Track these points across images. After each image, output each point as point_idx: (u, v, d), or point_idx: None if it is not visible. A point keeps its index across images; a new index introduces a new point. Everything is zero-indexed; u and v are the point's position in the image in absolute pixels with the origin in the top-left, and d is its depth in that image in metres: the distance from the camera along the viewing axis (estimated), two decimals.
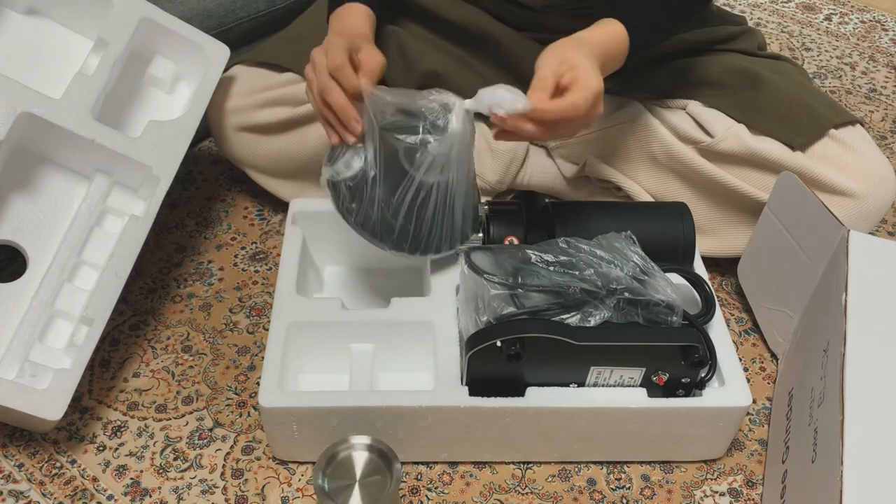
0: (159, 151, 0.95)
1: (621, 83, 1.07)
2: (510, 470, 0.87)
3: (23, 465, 0.86)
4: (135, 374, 0.95)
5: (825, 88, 1.48)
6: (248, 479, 0.86)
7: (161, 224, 1.13)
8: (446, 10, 1.05)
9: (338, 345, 0.89)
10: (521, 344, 0.78)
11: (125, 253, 0.90)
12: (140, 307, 1.02)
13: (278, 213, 1.16)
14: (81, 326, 0.87)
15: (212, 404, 0.92)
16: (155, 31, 1.00)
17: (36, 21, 0.99)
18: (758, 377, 0.98)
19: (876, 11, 1.73)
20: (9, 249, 0.93)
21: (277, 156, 1.07)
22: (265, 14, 1.23)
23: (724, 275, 1.10)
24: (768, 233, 0.97)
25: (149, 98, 1.04)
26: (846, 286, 0.81)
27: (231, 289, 1.05)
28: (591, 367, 0.81)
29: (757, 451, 0.91)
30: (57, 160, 0.95)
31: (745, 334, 1.03)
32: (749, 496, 0.86)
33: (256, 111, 1.05)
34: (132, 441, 0.89)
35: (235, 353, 0.98)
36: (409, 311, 0.89)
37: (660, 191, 1.06)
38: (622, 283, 0.80)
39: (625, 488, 0.86)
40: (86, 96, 0.92)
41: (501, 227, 0.90)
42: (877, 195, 0.97)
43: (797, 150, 0.98)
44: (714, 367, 0.83)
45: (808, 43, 1.61)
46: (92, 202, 0.94)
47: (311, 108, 1.03)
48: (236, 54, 1.07)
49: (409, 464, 0.87)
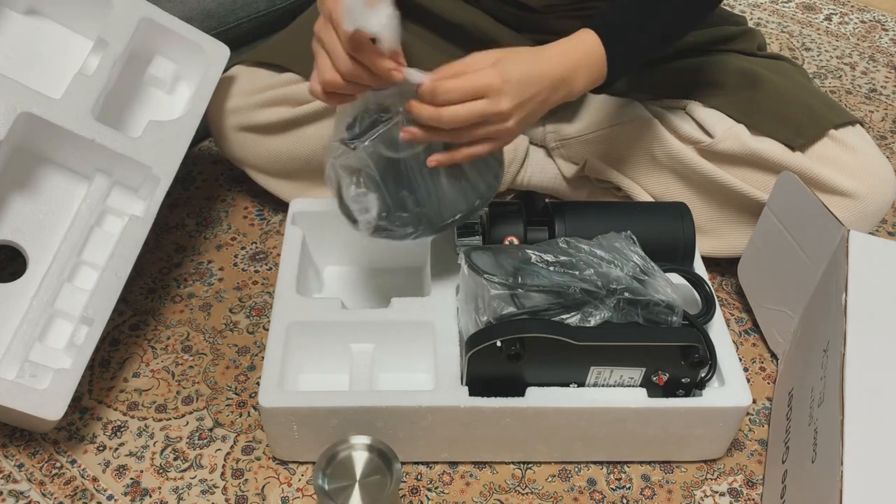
0: (159, 151, 0.95)
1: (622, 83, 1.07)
2: (510, 470, 0.87)
3: (23, 465, 0.86)
4: (135, 374, 0.95)
5: (825, 88, 1.48)
6: (248, 479, 0.86)
7: (161, 224, 1.13)
8: (446, 10, 1.05)
9: (338, 345, 0.89)
10: (521, 344, 0.78)
11: (125, 253, 0.90)
12: (140, 307, 1.02)
13: (278, 213, 1.16)
14: (81, 326, 0.87)
15: (212, 404, 0.92)
16: (155, 31, 1.00)
17: (36, 21, 0.99)
18: (758, 377, 0.98)
19: (876, 11, 1.73)
20: (9, 249, 0.93)
21: (277, 156, 1.07)
22: (265, 14, 1.23)
23: (724, 275, 1.10)
24: (768, 233, 0.97)
25: (149, 98, 1.04)
26: (846, 286, 0.81)
27: (231, 289, 1.05)
28: (591, 367, 0.81)
29: (757, 451, 0.91)
30: (57, 160, 0.95)
31: (745, 334, 1.03)
32: (749, 496, 0.86)
33: (256, 111, 1.05)
34: (132, 441, 0.89)
35: (235, 353, 0.98)
36: (409, 311, 0.89)
37: (660, 191, 1.06)
38: (622, 283, 0.80)
39: (625, 488, 0.86)
40: (86, 96, 0.92)
41: (501, 227, 0.90)
42: (877, 195, 0.97)
43: (797, 150, 0.98)
44: (714, 367, 0.83)
45: (808, 43, 1.61)
46: (92, 202, 0.94)
47: (310, 108, 1.03)
48: (236, 54, 1.07)
49: (409, 464, 0.87)
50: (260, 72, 1.06)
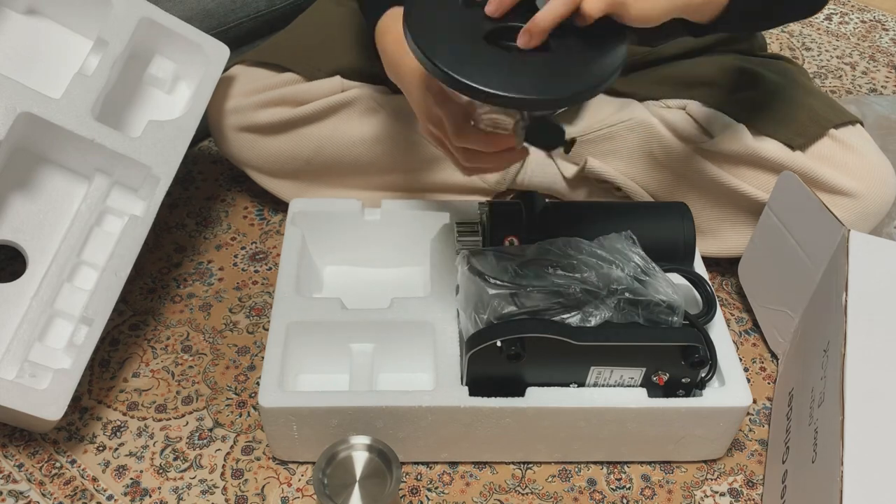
0: (159, 151, 0.95)
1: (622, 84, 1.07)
2: (510, 470, 0.87)
3: (23, 465, 0.86)
4: (135, 374, 0.95)
5: (825, 88, 1.48)
6: (248, 479, 0.86)
7: (161, 224, 1.13)
8: None
9: (338, 345, 0.89)
10: (521, 344, 0.78)
11: (125, 253, 0.90)
12: (140, 307, 1.02)
13: (278, 213, 1.16)
14: (81, 326, 0.87)
15: (212, 404, 0.92)
16: (155, 31, 1.00)
17: (36, 21, 0.99)
18: (758, 377, 0.98)
19: (876, 11, 1.73)
20: (9, 249, 0.93)
21: (277, 156, 1.07)
22: (265, 14, 1.23)
23: (724, 275, 1.10)
24: (768, 233, 0.97)
25: (149, 98, 1.04)
26: (846, 286, 0.81)
27: (231, 289, 1.05)
28: (591, 367, 0.81)
29: (757, 451, 0.91)
30: (57, 160, 0.95)
31: (745, 334, 1.03)
32: (749, 496, 0.86)
33: (256, 111, 1.05)
34: (132, 441, 0.89)
35: (235, 353, 0.98)
36: (409, 311, 0.89)
37: (660, 191, 1.06)
38: (623, 283, 0.80)
39: (625, 488, 0.86)
40: (86, 96, 0.92)
41: (501, 227, 0.90)
42: (877, 195, 0.97)
43: (797, 149, 0.98)
44: (714, 368, 0.83)
45: (809, 43, 1.61)
46: (92, 202, 0.94)
47: (310, 108, 1.03)
48: (236, 54, 1.07)
49: (409, 464, 0.87)
50: (260, 72, 1.06)
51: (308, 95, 1.03)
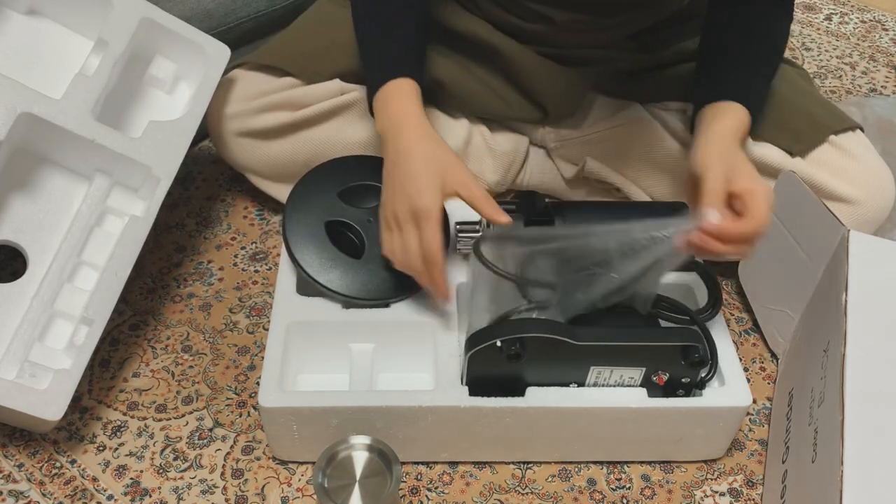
0: (159, 152, 0.95)
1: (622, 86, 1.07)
2: (510, 470, 0.87)
3: (23, 465, 0.86)
4: (135, 374, 0.95)
5: (825, 88, 1.48)
6: (248, 479, 0.86)
7: (161, 224, 1.13)
8: (449, 20, 1.03)
9: (338, 345, 0.89)
10: (521, 344, 0.78)
11: (125, 253, 0.90)
12: (140, 307, 1.02)
13: (278, 214, 1.16)
14: (81, 326, 0.87)
15: (212, 404, 0.92)
16: (155, 31, 1.00)
17: (36, 21, 0.99)
18: (758, 377, 0.98)
19: (876, 11, 1.73)
20: (9, 249, 0.93)
21: (277, 160, 1.06)
22: (265, 14, 1.23)
23: (724, 275, 1.10)
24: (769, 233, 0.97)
25: (149, 98, 1.04)
26: (846, 286, 0.81)
27: (231, 289, 1.05)
28: (591, 367, 0.81)
29: (757, 451, 0.91)
30: (57, 160, 0.95)
31: (745, 334, 1.03)
32: (749, 496, 0.86)
33: (255, 116, 1.04)
34: (132, 441, 0.89)
35: (235, 353, 0.98)
36: (409, 311, 0.89)
37: (658, 192, 1.06)
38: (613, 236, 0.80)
39: (625, 488, 0.86)
40: (86, 96, 0.92)
41: None
42: (876, 201, 0.97)
43: (796, 156, 0.98)
44: (714, 367, 0.83)
45: (809, 43, 1.61)
46: (92, 202, 0.94)
47: (310, 112, 1.03)
48: (237, 54, 1.07)
49: (409, 464, 0.87)
50: (259, 76, 1.06)
51: (307, 99, 1.03)
